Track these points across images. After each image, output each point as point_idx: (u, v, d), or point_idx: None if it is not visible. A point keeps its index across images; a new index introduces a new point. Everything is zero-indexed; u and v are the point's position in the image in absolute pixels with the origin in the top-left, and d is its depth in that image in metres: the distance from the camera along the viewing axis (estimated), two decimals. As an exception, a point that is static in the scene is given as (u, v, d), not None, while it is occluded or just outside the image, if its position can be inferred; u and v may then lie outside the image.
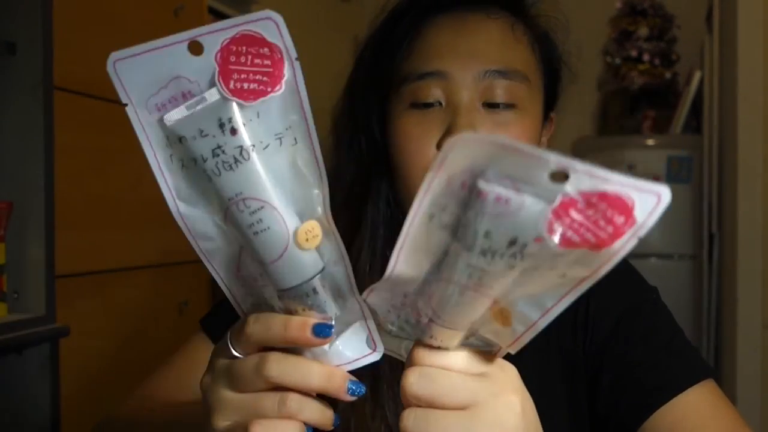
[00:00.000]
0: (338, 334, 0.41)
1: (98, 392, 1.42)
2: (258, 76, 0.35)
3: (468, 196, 0.33)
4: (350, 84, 0.70)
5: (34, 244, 1.19)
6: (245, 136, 0.35)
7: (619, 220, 0.31)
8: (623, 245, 0.33)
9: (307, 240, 0.37)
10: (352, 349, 0.41)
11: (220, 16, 3.15)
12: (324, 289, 0.39)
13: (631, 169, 2.73)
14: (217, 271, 0.41)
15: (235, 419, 0.40)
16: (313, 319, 0.39)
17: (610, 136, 3.09)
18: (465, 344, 0.40)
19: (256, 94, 0.35)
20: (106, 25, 1.54)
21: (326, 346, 0.40)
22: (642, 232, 0.33)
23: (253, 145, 0.36)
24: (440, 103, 0.62)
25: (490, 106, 0.62)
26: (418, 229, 0.36)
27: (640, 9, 3.02)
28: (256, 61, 0.35)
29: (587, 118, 3.38)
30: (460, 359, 0.39)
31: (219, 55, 0.35)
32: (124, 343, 1.58)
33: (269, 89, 0.35)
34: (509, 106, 0.62)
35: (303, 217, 0.38)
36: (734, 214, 2.09)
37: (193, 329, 0.75)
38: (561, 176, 0.31)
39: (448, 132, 0.60)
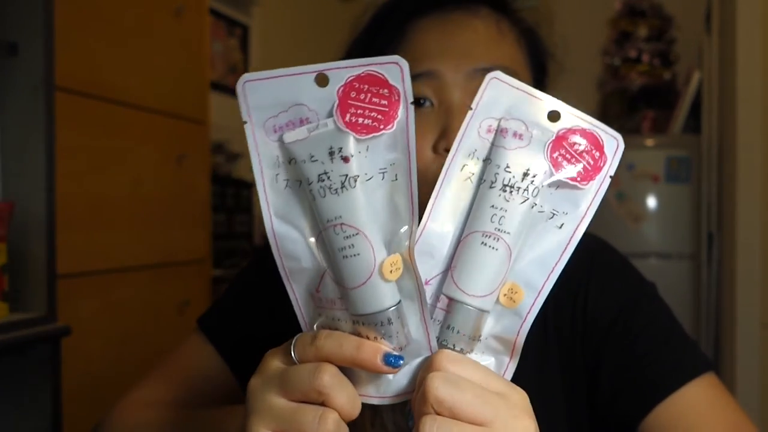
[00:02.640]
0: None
1: (99, 391, 1.42)
2: (374, 113, 0.39)
3: (493, 138, 0.42)
4: None
5: (35, 244, 1.19)
6: (353, 167, 0.39)
7: (596, 153, 0.41)
8: (601, 182, 0.41)
9: (391, 272, 0.39)
10: (411, 381, 0.42)
11: (220, 16, 3.16)
12: (397, 321, 0.40)
13: (631, 169, 2.73)
14: (294, 289, 0.43)
15: (273, 427, 0.40)
16: (386, 347, 0.40)
17: (609, 136, 3.09)
18: (478, 358, 0.42)
19: (369, 130, 0.39)
20: (106, 25, 1.54)
21: (390, 376, 0.42)
22: (611, 171, 0.41)
23: (358, 176, 0.39)
24: (431, 103, 0.62)
25: None
26: (451, 181, 0.42)
27: (639, 10, 3.03)
28: (374, 100, 0.39)
29: (587, 118, 3.38)
30: (481, 372, 0.39)
31: (342, 89, 0.39)
32: (124, 343, 1.58)
33: (381, 127, 0.39)
34: None
35: (390, 249, 0.40)
36: (733, 214, 2.09)
37: (191, 328, 0.75)
38: (555, 116, 0.42)
39: (443, 134, 0.60)
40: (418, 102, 0.62)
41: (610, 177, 0.41)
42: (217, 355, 0.71)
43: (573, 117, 0.41)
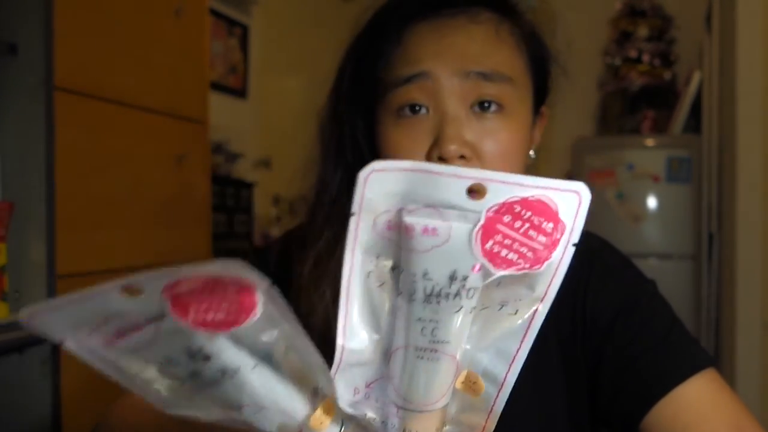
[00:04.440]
0: None
1: (99, 391, 1.42)
2: (224, 305, 0.32)
3: (397, 236, 0.32)
4: (334, 94, 0.69)
5: (35, 244, 1.19)
6: (225, 361, 0.33)
7: (548, 226, 0.31)
8: (561, 255, 0.32)
9: (321, 423, 0.36)
10: None
11: (220, 16, 3.16)
12: None
13: (631, 170, 2.73)
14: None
15: None
16: None
17: (609, 136, 3.10)
18: None
19: (228, 324, 0.32)
20: (106, 26, 1.54)
21: None
22: (574, 237, 0.32)
23: (239, 367, 0.34)
24: (426, 110, 0.61)
25: (477, 110, 0.61)
26: (358, 290, 0.35)
27: (639, 10, 3.03)
28: (218, 291, 0.32)
29: (587, 118, 3.38)
30: None
31: (166, 292, 0.31)
32: (124, 343, 1.58)
33: (243, 317, 0.32)
34: (496, 109, 0.61)
35: (315, 396, 0.37)
36: (733, 214, 2.09)
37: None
38: (480, 192, 0.31)
39: (436, 142, 0.60)
40: (414, 111, 0.62)
41: (574, 245, 0.32)
42: None
43: (504, 186, 0.31)
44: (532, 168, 0.70)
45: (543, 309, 0.34)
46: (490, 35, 0.63)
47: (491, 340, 0.35)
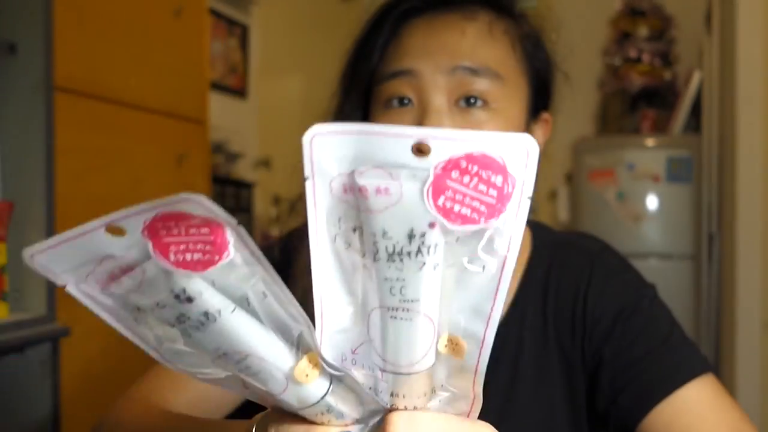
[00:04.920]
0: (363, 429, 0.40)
1: (99, 392, 1.42)
2: (200, 245, 0.33)
3: (354, 198, 0.33)
4: (337, 87, 0.71)
5: (34, 244, 1.19)
6: (207, 303, 0.34)
7: (497, 179, 0.32)
8: (517, 209, 0.33)
9: (306, 376, 0.37)
10: None
11: (220, 16, 3.16)
12: (337, 401, 0.38)
13: (631, 170, 2.73)
14: (231, 388, 0.40)
15: None
16: (335, 429, 0.39)
17: (610, 136, 3.09)
18: (436, 408, 0.38)
19: (204, 264, 0.33)
20: (106, 25, 1.54)
21: None
22: (527, 191, 0.32)
23: (219, 310, 0.34)
24: (411, 102, 0.62)
25: (462, 105, 0.62)
26: (327, 255, 0.35)
27: (639, 10, 3.02)
28: (192, 231, 0.33)
29: (587, 118, 3.38)
30: (438, 423, 0.37)
31: (146, 231, 0.33)
32: (124, 343, 1.58)
33: (216, 257, 0.33)
34: (481, 105, 0.62)
35: (298, 347, 0.37)
36: (734, 215, 2.09)
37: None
38: (425, 149, 0.32)
39: None
40: (400, 104, 0.63)
41: (529, 198, 0.32)
42: None
43: (448, 142, 0.31)
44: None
45: (509, 262, 0.33)
46: (482, 32, 0.64)
47: (464, 301, 0.35)
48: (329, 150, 0.33)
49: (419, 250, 0.32)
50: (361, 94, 0.67)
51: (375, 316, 0.35)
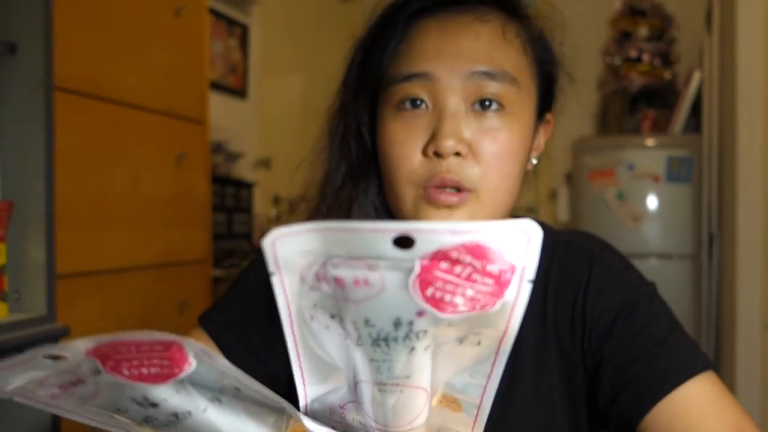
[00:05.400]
0: None
1: (98, 392, 1.42)
2: (155, 360, 0.31)
3: (329, 287, 0.30)
4: (341, 86, 0.70)
5: (34, 244, 1.19)
6: (174, 406, 0.33)
7: (494, 268, 0.29)
8: (517, 293, 0.30)
9: None
10: None
11: (220, 16, 3.16)
12: None
13: (631, 170, 2.73)
14: None
15: None
16: None
17: (610, 136, 3.09)
18: None
19: (164, 377, 0.32)
20: (106, 25, 1.54)
21: None
22: (529, 274, 0.30)
23: (189, 411, 0.34)
24: (426, 105, 0.62)
25: (477, 108, 0.61)
26: (303, 338, 0.33)
27: (639, 10, 3.02)
28: (144, 348, 0.31)
29: (587, 118, 3.38)
30: None
31: (92, 354, 0.31)
32: (124, 343, 1.58)
33: (176, 370, 0.32)
34: (497, 108, 0.61)
35: (279, 428, 0.36)
36: (734, 214, 2.09)
37: (191, 328, 0.75)
38: (407, 241, 0.29)
39: (433, 137, 0.60)
40: (414, 106, 0.62)
41: (531, 281, 0.30)
42: (219, 353, 0.71)
43: (433, 235, 0.28)
44: (532, 168, 0.70)
45: (508, 342, 0.32)
46: (496, 35, 0.63)
47: (460, 368, 0.33)
48: (295, 247, 0.30)
49: (407, 336, 0.30)
50: (369, 96, 0.66)
51: (363, 387, 0.34)
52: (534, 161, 0.68)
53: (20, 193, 1.19)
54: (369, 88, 0.66)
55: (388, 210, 0.66)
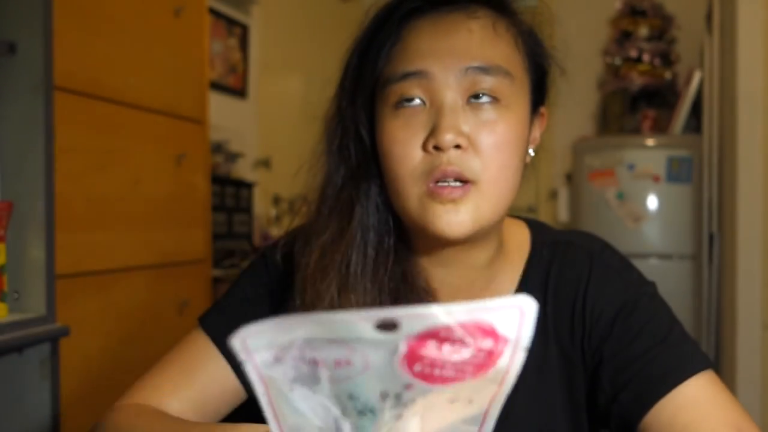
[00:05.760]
0: None
1: (98, 392, 1.42)
2: None
3: (309, 369, 0.30)
4: (339, 87, 0.70)
5: (34, 244, 1.19)
6: None
7: (486, 343, 0.28)
8: (509, 361, 0.30)
9: None
10: None
11: (220, 16, 3.16)
12: None
13: (632, 170, 2.73)
14: None
15: None
16: None
17: (610, 136, 3.09)
18: None
19: None
20: (106, 25, 1.54)
21: None
22: (524, 343, 0.29)
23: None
24: (423, 102, 0.62)
25: (474, 103, 0.62)
26: (286, 409, 0.32)
27: (639, 9, 3.02)
28: None
29: (587, 118, 3.38)
30: None
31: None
32: (124, 343, 1.58)
33: None
34: (492, 101, 0.62)
35: None
36: (734, 215, 2.09)
37: (191, 328, 0.75)
38: (389, 325, 0.28)
39: (432, 132, 0.60)
40: (410, 102, 0.62)
41: (525, 348, 0.30)
42: (219, 354, 0.71)
43: (418, 318, 0.28)
44: (532, 168, 0.70)
45: (499, 401, 0.31)
46: (487, 30, 0.64)
47: (452, 422, 0.33)
48: (268, 339, 0.29)
49: (395, 406, 0.30)
50: (367, 97, 0.67)
51: None
52: (531, 153, 0.69)
53: (20, 193, 1.19)
54: (366, 89, 0.67)
55: (391, 209, 0.66)
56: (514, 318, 0.29)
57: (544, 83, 0.70)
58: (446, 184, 0.60)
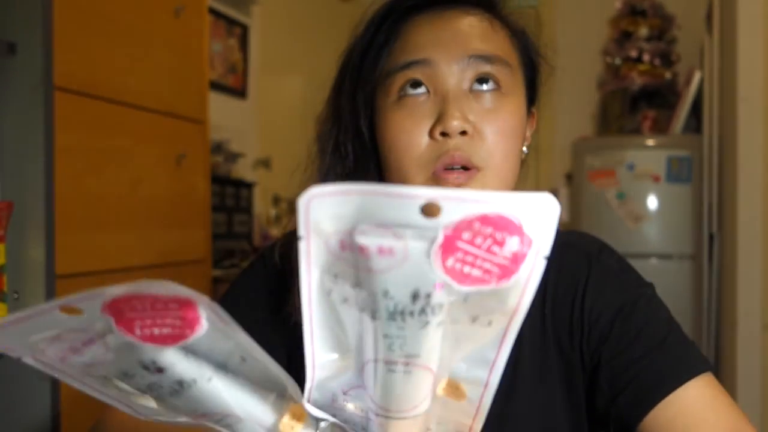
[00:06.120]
0: None
1: (98, 392, 1.42)
2: (168, 320, 0.31)
3: (352, 257, 0.31)
4: (336, 88, 0.71)
5: (34, 244, 1.19)
6: (180, 373, 0.33)
7: (513, 240, 0.30)
8: (531, 269, 0.31)
9: (292, 428, 0.36)
10: None
11: (220, 15, 3.16)
12: None
13: (632, 170, 2.73)
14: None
15: None
16: None
17: (610, 136, 3.09)
18: None
19: (174, 338, 0.31)
20: (106, 25, 1.54)
21: None
22: (544, 250, 0.30)
23: (194, 379, 0.34)
24: (427, 90, 0.63)
25: (477, 91, 0.63)
26: (320, 309, 0.34)
27: (639, 9, 3.02)
28: (158, 306, 0.31)
29: (587, 118, 3.38)
30: None
31: (107, 310, 0.31)
32: (124, 343, 1.58)
33: (188, 332, 0.31)
34: (494, 88, 0.63)
35: (283, 399, 0.37)
36: (734, 214, 2.09)
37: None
38: (434, 210, 0.29)
39: (439, 120, 0.61)
40: (415, 88, 0.63)
41: (545, 258, 0.31)
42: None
43: (459, 203, 0.29)
44: (532, 168, 0.70)
45: (517, 321, 0.32)
46: (485, 24, 0.66)
47: (468, 351, 0.34)
48: (327, 210, 0.31)
49: (423, 310, 0.31)
50: (367, 94, 0.67)
51: (370, 367, 0.34)
52: (525, 150, 0.69)
53: (20, 193, 1.19)
54: (367, 86, 0.67)
55: None
56: (540, 218, 0.30)
57: (535, 83, 0.71)
58: (452, 170, 0.61)
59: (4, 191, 1.20)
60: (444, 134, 0.61)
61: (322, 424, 0.37)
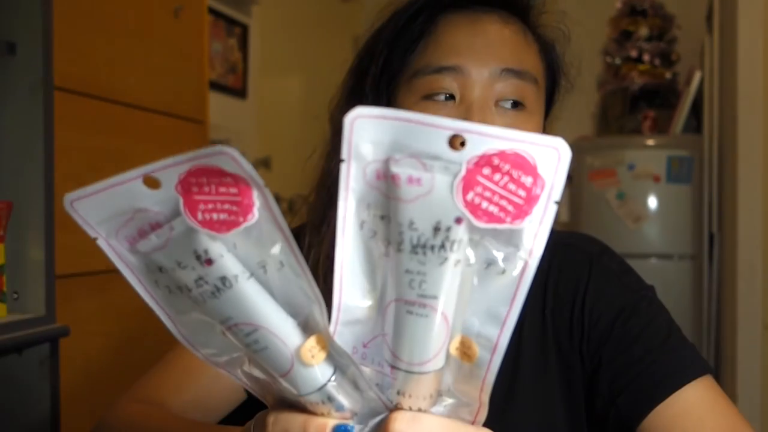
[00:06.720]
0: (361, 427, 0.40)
1: (98, 392, 1.42)
2: (227, 206, 0.33)
3: (385, 186, 0.33)
4: (355, 71, 0.70)
5: (34, 244, 1.19)
6: (225, 267, 0.34)
7: (527, 180, 0.32)
8: (543, 211, 0.32)
9: (312, 357, 0.36)
10: None
11: (219, 15, 3.16)
12: (339, 391, 0.38)
13: (632, 170, 2.73)
14: (231, 372, 0.41)
15: None
16: (333, 420, 0.38)
17: (610, 136, 3.09)
18: (439, 413, 0.38)
19: (228, 225, 0.33)
20: (106, 25, 1.54)
21: None
22: (555, 195, 0.32)
23: (236, 275, 0.34)
24: (453, 98, 0.62)
25: (502, 104, 0.63)
26: (352, 243, 0.35)
27: (640, 9, 3.02)
28: (222, 189, 0.33)
29: (587, 118, 3.38)
30: (441, 426, 0.36)
31: (180, 186, 0.33)
32: (124, 343, 1.58)
33: (241, 219, 0.33)
34: (520, 106, 0.63)
35: (306, 331, 0.37)
36: (734, 214, 2.09)
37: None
38: (459, 142, 0.32)
39: None
40: (440, 96, 0.63)
41: (556, 203, 0.32)
42: None
43: (483, 138, 0.31)
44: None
45: (530, 267, 0.33)
46: (520, 37, 0.65)
47: (481, 303, 0.35)
48: (368, 134, 0.33)
49: (443, 245, 0.32)
50: (393, 87, 0.67)
51: (391, 309, 0.35)
52: None
53: (20, 193, 1.19)
54: (392, 78, 0.66)
55: None
56: (553, 160, 0.32)
57: (553, 97, 0.71)
58: None
59: (3, 191, 1.20)
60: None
61: (338, 373, 0.37)
